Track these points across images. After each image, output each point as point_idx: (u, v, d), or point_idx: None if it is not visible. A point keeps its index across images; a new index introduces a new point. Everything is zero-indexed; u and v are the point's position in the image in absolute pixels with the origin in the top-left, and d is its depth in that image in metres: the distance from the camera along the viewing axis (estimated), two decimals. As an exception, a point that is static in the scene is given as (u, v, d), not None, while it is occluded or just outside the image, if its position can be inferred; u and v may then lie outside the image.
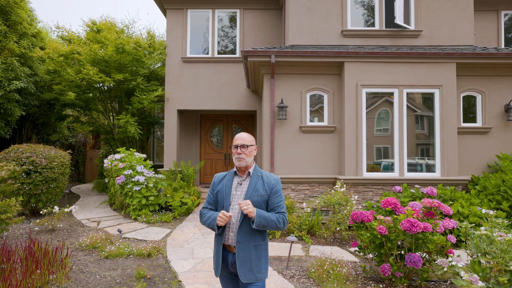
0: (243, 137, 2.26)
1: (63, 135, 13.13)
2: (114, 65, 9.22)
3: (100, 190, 10.70)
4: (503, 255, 2.77)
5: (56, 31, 10.39)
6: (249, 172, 2.27)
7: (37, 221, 6.58)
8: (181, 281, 3.95)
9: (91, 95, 10.37)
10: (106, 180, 8.57)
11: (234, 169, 2.33)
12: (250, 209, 2.04)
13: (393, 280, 3.60)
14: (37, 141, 11.88)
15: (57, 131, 12.59)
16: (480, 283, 2.57)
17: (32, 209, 7.28)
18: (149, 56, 10.09)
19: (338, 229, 5.65)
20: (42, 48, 10.68)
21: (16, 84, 8.46)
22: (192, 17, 9.45)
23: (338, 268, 3.95)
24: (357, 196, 6.07)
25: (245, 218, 2.14)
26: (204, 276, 4.06)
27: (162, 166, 10.63)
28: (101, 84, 9.81)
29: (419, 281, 3.67)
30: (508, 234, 2.89)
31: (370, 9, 7.65)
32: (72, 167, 10.85)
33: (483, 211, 3.83)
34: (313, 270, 4.04)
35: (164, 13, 9.95)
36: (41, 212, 6.88)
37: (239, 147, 2.22)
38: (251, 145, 2.25)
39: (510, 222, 4.48)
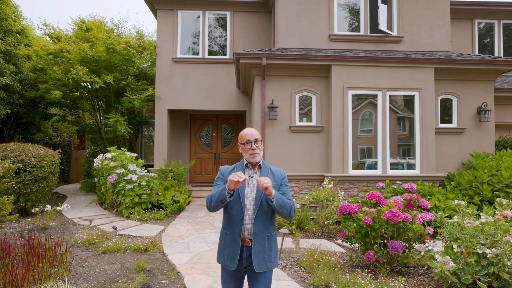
0: (253, 132, 2.23)
1: (47, 135, 12.96)
2: (104, 64, 9.25)
3: (87, 190, 10.66)
4: (471, 239, 3.15)
5: (43, 28, 10.29)
6: (259, 165, 2.29)
7: (29, 219, 6.59)
8: (179, 272, 4.16)
9: (78, 94, 10.34)
10: (96, 180, 8.61)
11: (244, 162, 2.31)
12: (270, 184, 1.99)
13: (377, 265, 3.94)
14: (19, 140, 11.69)
15: (41, 130, 12.42)
16: (452, 264, 2.93)
17: (21, 209, 7.25)
18: (139, 56, 10.17)
19: (326, 223, 5.98)
20: (26, 45, 10.56)
21: (1, 80, 8.36)
22: (183, 18, 9.61)
23: (327, 257, 4.26)
24: (343, 192, 6.42)
25: (260, 209, 2.18)
26: (202, 268, 4.28)
27: (150, 166, 10.71)
28: (89, 83, 9.81)
29: (400, 267, 4.03)
30: (476, 221, 3.27)
31: (356, 15, 8.05)
32: (58, 167, 10.77)
33: (455, 202, 4.24)
34: (304, 260, 4.33)
35: (154, 14, 10.05)
36: (32, 211, 6.89)
37: (252, 143, 2.19)
38: (261, 140, 2.25)
39: (479, 213, 4.93)
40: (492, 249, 3.12)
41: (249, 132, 2.23)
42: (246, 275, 2.33)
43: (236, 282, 2.29)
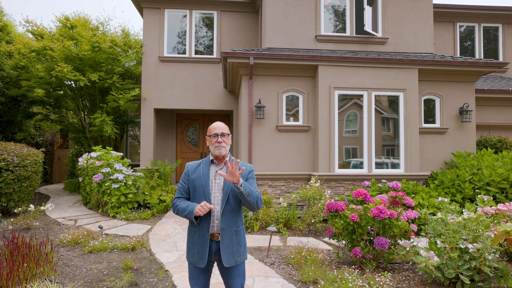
0: (221, 126, 2.30)
1: (29, 134, 12.61)
2: (89, 62, 9.08)
3: (71, 190, 10.45)
4: (454, 235, 3.26)
5: (26, 25, 10.01)
6: (226, 161, 2.25)
7: (11, 220, 6.41)
8: (168, 270, 4.14)
9: (62, 92, 10.11)
10: (80, 179, 8.45)
11: (210, 157, 2.34)
12: (238, 173, 2.07)
13: (363, 261, 4.02)
14: (0, 139, 11.34)
15: (23, 129, 12.08)
16: (436, 258, 3.02)
17: (3, 209, 7.05)
18: (125, 55, 10.03)
19: (313, 221, 6.05)
20: (8, 42, 10.28)
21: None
22: (169, 16, 9.53)
23: (314, 255, 4.32)
24: (329, 191, 6.51)
25: (227, 203, 2.22)
26: (190, 266, 4.26)
27: (136, 165, 10.57)
28: (73, 82, 9.61)
29: (386, 263, 4.13)
30: (459, 218, 3.38)
31: (342, 17, 8.18)
32: (40, 167, 10.50)
33: (439, 199, 4.36)
34: (292, 257, 4.38)
35: (141, 12, 9.93)
36: (15, 211, 6.71)
37: (219, 136, 2.26)
38: (228, 134, 2.32)
39: (461, 209, 5.10)
40: (474, 244, 3.24)
41: (217, 126, 2.30)
42: (219, 271, 2.35)
43: (204, 275, 2.31)
